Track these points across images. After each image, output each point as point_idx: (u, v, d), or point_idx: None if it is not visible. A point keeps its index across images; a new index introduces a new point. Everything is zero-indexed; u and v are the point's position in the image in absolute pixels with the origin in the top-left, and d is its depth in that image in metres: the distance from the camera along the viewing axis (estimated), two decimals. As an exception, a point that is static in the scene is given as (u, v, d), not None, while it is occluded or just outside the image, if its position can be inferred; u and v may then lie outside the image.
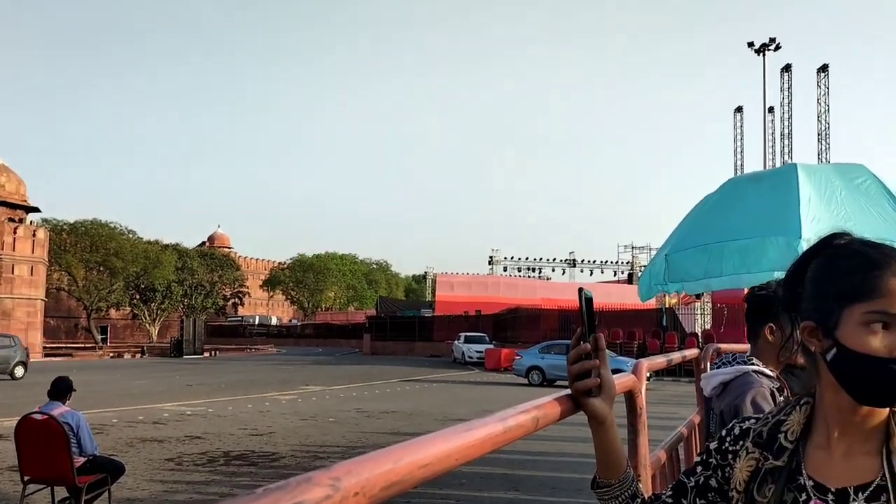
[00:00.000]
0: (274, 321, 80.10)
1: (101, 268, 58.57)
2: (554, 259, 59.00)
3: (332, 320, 73.92)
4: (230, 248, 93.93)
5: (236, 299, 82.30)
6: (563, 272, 58.70)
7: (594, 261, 59.14)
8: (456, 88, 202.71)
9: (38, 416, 6.10)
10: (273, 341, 65.46)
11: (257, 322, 75.93)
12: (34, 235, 43.73)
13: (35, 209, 47.06)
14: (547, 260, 59.00)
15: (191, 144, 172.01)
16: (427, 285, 70.19)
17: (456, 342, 36.02)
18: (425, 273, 72.37)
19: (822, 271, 1.07)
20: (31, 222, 46.43)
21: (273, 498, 0.49)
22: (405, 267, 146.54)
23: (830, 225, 4.74)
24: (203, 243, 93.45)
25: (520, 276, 57.49)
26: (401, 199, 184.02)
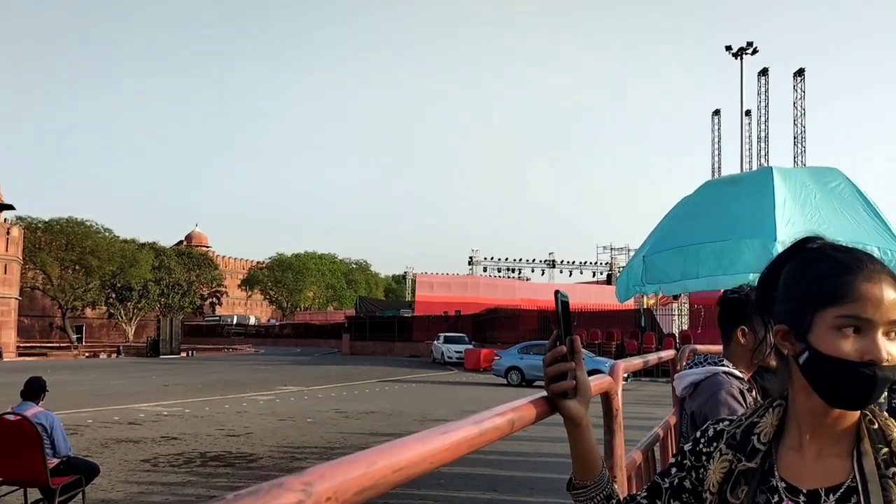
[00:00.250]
0: (252, 321, 79.60)
1: (77, 266, 57.86)
2: (533, 260, 59.18)
3: (311, 320, 73.62)
4: (208, 247, 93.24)
5: (214, 299, 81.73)
6: (543, 273, 58.92)
7: (573, 261, 59.41)
8: (437, 90, 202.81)
9: (11, 417, 6.00)
10: (251, 341, 65.06)
11: (235, 322, 75.41)
12: (8, 233, 43.13)
13: (9, 206, 46.39)
14: (526, 260, 59.16)
15: (169, 142, 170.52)
16: (407, 285, 70.10)
17: (435, 342, 36.01)
18: (405, 273, 72.25)
19: (795, 275, 1.08)
20: (6, 220, 45.80)
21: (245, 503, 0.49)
22: (385, 267, 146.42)
23: (805, 228, 4.81)
24: (180, 242, 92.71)
25: (499, 277, 57.59)
26: (381, 199, 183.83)
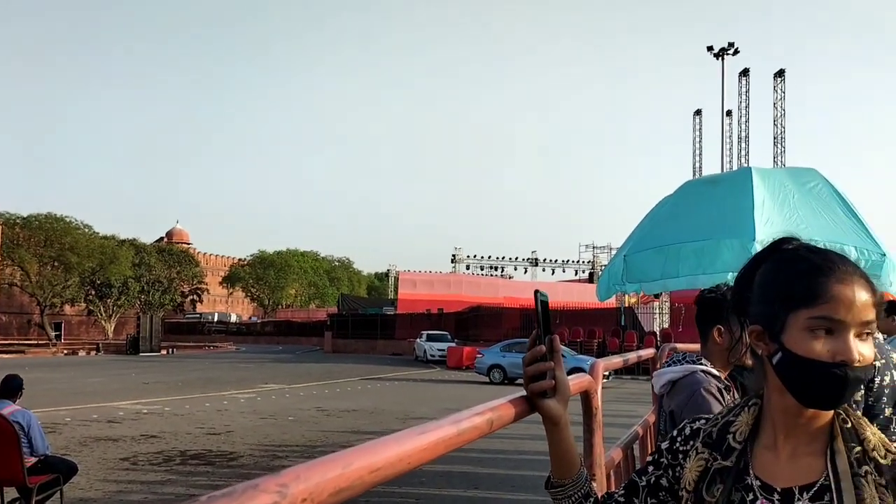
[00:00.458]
0: (233, 318, 79.07)
1: (56, 263, 57.28)
2: (516, 258, 59.31)
3: (293, 318, 73.31)
4: (189, 244, 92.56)
5: (195, 296, 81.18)
6: (526, 271, 59.08)
7: (556, 260, 59.61)
8: (421, 88, 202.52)
9: (-13, 416, 5.93)
10: (232, 339, 64.64)
11: (216, 319, 74.86)
12: (-15, 229, 42.52)
13: (-14, 202, 45.74)
14: (509, 259, 59.28)
15: (149, 138, 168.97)
16: (389, 283, 69.99)
17: (418, 340, 35.97)
18: (388, 271, 72.15)
19: (769, 276, 1.09)
20: (-17, 216, 45.14)
21: (219, 506, 0.49)
22: (368, 264, 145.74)
23: (783, 228, 4.86)
24: (161, 239, 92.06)
25: (482, 275, 57.66)
26: (364, 197, 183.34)
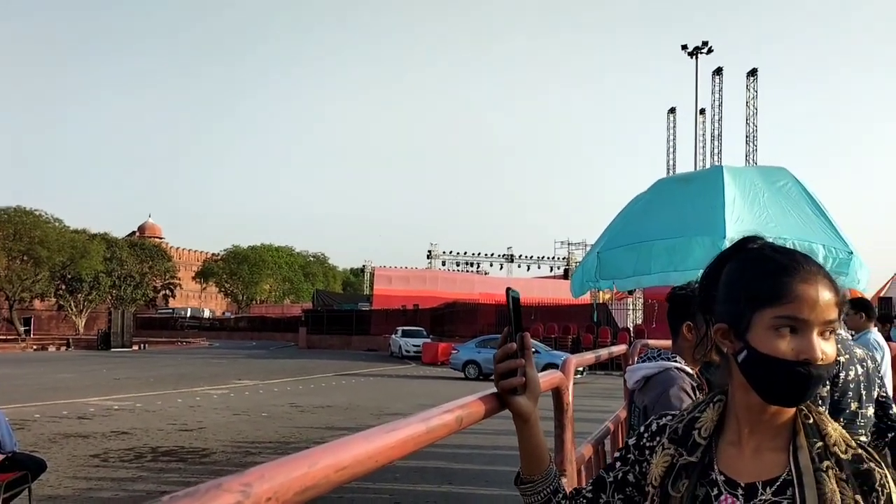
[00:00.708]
0: (206, 314, 78.45)
1: (25, 257, 56.30)
2: (492, 254, 59.45)
3: (267, 313, 72.78)
4: (161, 239, 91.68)
5: (167, 291, 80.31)
6: (501, 267, 59.25)
7: (531, 256, 59.82)
8: (396, 85, 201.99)
9: (-47, 413, 5.82)
10: (205, 334, 64.04)
11: (189, 314, 74.24)
12: (-49, 222, 41.65)
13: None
14: (485, 255, 59.40)
15: (121, 130, 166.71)
16: (365, 279, 69.79)
17: (393, 336, 35.91)
18: (363, 266, 71.91)
19: (735, 275, 1.10)
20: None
21: (181, 506, 0.48)
22: (343, 260, 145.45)
23: (753, 226, 4.92)
24: (133, 233, 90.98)
25: (458, 271, 57.72)
26: (339, 192, 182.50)
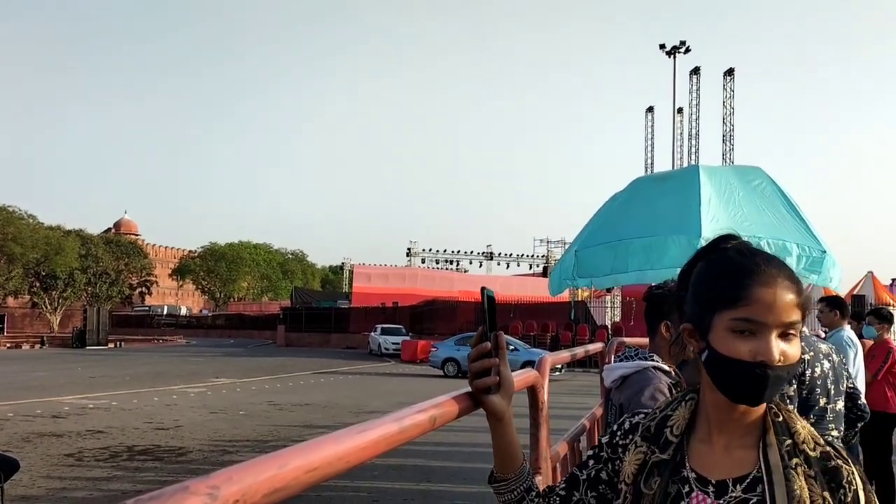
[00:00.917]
0: (183, 311, 77.76)
1: (-2, 254, 55.58)
2: (471, 252, 59.52)
3: (245, 311, 72.30)
4: (137, 235, 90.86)
5: (143, 288, 79.63)
6: (481, 265, 59.39)
7: (511, 254, 60.00)
8: (375, 81, 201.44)
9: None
10: (182, 332, 63.52)
11: (166, 312, 73.59)
12: (-78, 218, 40.93)
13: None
14: (465, 252, 59.46)
15: (96, 125, 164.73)
16: (344, 276, 69.48)
17: (372, 334, 35.83)
18: (342, 264, 71.59)
19: (700, 276, 1.12)
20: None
21: (146, 509, 0.48)
22: (322, 257, 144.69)
23: (728, 224, 4.98)
24: (109, 229, 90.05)
25: (437, 269, 57.72)
26: (318, 189, 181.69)
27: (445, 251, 59.26)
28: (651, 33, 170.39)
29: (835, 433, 2.61)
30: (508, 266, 59.68)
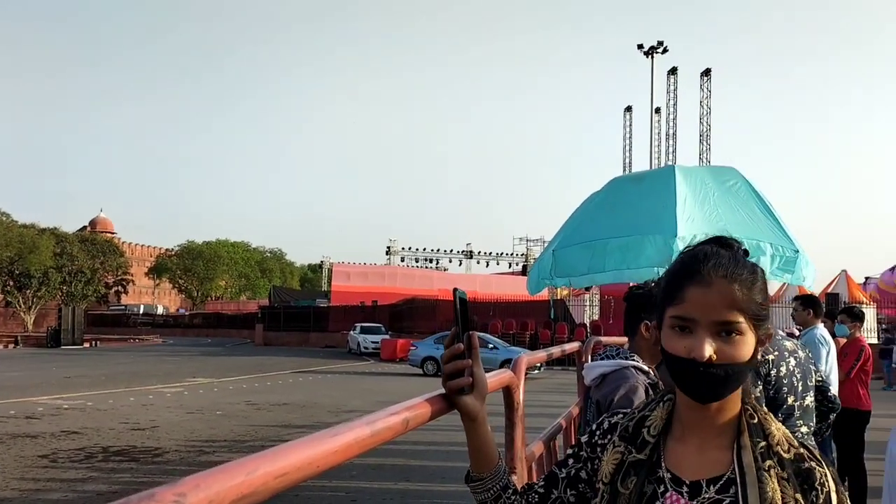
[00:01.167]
0: (160, 310, 77.09)
1: (-31, 252, 54.71)
2: (451, 251, 59.50)
3: (223, 310, 71.83)
4: (113, 234, 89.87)
5: (120, 287, 78.81)
6: (460, 263, 59.39)
7: (490, 252, 60.06)
8: (354, 79, 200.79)
9: None
10: (159, 331, 63.01)
11: (142, 311, 72.92)
12: None
13: None
14: (444, 251, 59.43)
15: (70, 122, 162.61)
16: (323, 275, 69.19)
17: (352, 333, 35.72)
18: (321, 262, 71.30)
19: (664, 275, 1.18)
20: None
21: (113, 517, 0.48)
22: (300, 256, 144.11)
23: (704, 224, 5.04)
24: (84, 228, 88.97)
25: (417, 267, 57.65)
26: (297, 187, 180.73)
27: (425, 249, 59.22)
28: (629, 33, 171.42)
29: (804, 429, 2.64)
30: (488, 264, 59.78)
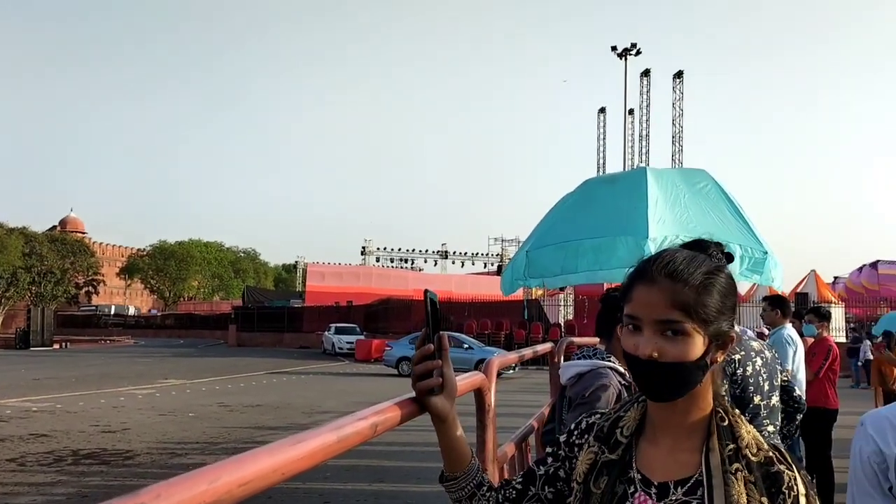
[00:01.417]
0: (132, 311, 76.21)
1: (-65, 252, 53.67)
2: (426, 251, 59.58)
3: (196, 310, 71.11)
4: (84, 233, 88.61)
5: (90, 288, 77.67)
6: (436, 264, 59.48)
7: (465, 252, 60.22)
8: (329, 79, 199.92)
9: None
10: (130, 332, 62.27)
11: (113, 312, 72.04)
12: None
13: None
14: (419, 251, 59.47)
15: (40, 120, 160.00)
16: (298, 275, 68.83)
17: (326, 333, 35.58)
18: (296, 262, 70.90)
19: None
20: None
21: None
22: (275, 256, 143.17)
23: (675, 226, 5.11)
24: (54, 227, 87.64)
25: (392, 267, 57.58)
26: (272, 186, 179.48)
27: (400, 250, 59.19)
28: (604, 35, 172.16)
29: (770, 428, 2.68)
30: (463, 265, 59.91)
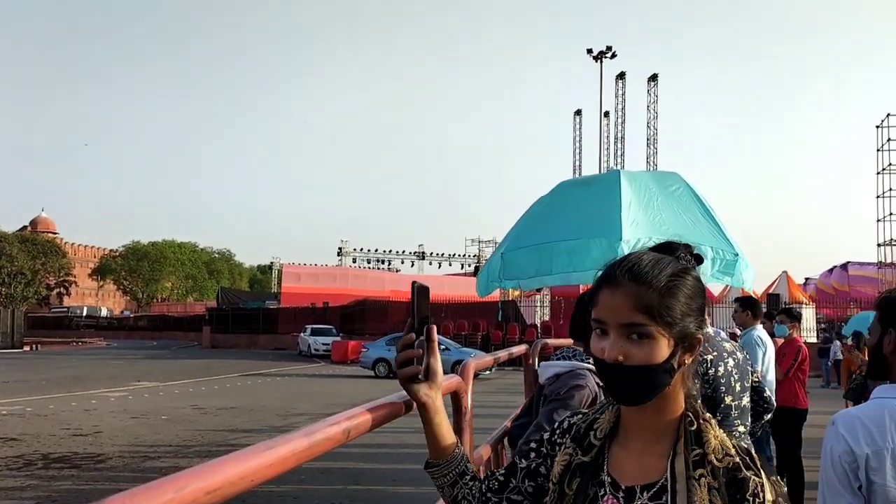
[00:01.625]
0: (104, 312, 75.20)
1: None
2: (403, 251, 59.65)
3: (169, 312, 70.33)
4: (55, 234, 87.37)
5: (62, 289, 76.47)
6: (413, 264, 59.57)
7: (443, 254, 60.42)
8: (307, 78, 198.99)
9: None
10: (103, 334, 61.48)
11: (85, 313, 71.06)
12: None
13: None
14: (396, 252, 59.51)
15: (10, 118, 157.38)
16: (273, 276, 68.46)
17: (302, 334, 35.40)
18: (271, 263, 70.55)
19: None
20: None
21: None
22: (250, 257, 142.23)
23: (648, 228, 5.16)
24: (24, 227, 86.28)
25: (369, 268, 57.48)
26: (247, 187, 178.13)
27: (377, 251, 59.13)
28: (580, 38, 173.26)
29: (741, 428, 2.71)
30: (440, 266, 60.02)
